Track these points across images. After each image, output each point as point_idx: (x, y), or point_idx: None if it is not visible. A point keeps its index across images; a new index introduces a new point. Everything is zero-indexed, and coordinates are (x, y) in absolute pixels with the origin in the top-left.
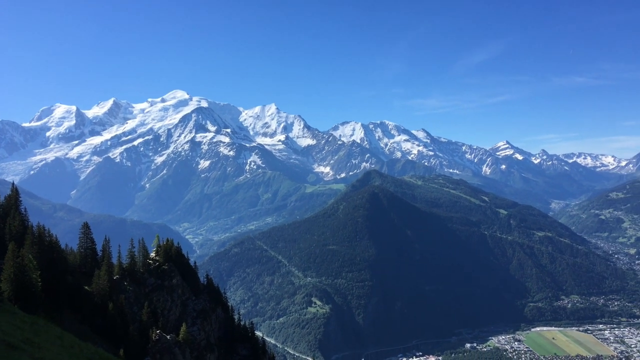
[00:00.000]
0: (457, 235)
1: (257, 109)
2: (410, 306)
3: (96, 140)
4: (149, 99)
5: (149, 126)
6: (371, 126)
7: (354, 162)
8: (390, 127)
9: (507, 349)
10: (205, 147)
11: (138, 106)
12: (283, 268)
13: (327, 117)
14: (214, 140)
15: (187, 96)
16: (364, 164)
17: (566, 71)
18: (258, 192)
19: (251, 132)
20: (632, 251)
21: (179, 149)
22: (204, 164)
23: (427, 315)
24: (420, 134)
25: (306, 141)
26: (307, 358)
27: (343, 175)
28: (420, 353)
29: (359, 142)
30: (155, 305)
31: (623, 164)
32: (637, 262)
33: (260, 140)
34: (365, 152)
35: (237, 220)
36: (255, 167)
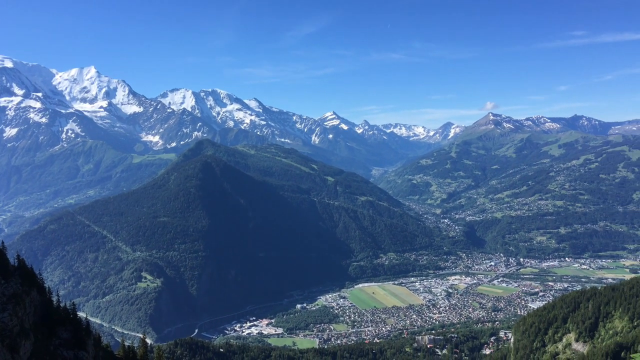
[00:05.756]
0: (289, 202)
1: (74, 71)
2: (245, 274)
3: None
4: None
5: None
6: (202, 94)
7: (185, 131)
8: (222, 95)
9: (333, 306)
10: (11, 112)
11: None
12: (109, 243)
13: (155, 83)
14: (22, 105)
15: None
16: (196, 133)
17: (384, 48)
18: (78, 162)
19: (67, 97)
20: (438, 211)
21: None
22: (11, 132)
23: (261, 281)
24: (253, 104)
25: (132, 108)
26: (137, 334)
27: (174, 144)
28: (254, 317)
29: (190, 110)
30: None
31: (431, 133)
32: (442, 220)
33: (79, 106)
34: (197, 120)
35: (53, 194)
36: (73, 135)
